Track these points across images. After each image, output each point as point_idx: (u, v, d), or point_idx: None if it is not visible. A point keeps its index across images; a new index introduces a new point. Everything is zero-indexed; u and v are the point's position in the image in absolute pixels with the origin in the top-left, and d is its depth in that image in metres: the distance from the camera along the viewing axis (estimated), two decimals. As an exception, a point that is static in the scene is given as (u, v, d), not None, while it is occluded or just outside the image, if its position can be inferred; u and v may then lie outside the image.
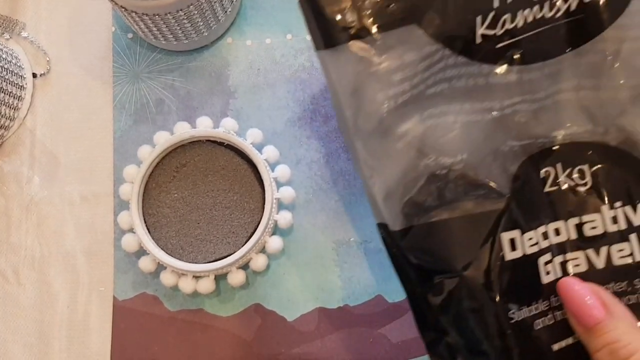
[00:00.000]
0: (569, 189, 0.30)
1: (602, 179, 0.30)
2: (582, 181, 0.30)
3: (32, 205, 0.43)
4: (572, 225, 0.30)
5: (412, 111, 0.31)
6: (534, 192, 0.30)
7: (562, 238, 0.30)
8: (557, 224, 0.30)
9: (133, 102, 0.44)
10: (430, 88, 0.31)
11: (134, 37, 0.45)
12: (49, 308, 0.42)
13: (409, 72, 0.30)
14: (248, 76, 0.44)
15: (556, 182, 0.30)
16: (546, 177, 0.30)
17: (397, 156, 0.31)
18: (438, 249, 0.30)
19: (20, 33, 0.45)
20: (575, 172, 0.30)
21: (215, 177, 0.41)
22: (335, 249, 0.42)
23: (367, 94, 0.30)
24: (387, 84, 0.30)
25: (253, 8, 0.45)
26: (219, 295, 0.42)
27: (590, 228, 0.30)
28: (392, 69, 0.30)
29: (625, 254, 0.30)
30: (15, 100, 0.43)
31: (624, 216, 0.30)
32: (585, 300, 0.27)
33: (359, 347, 0.41)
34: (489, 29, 0.30)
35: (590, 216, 0.30)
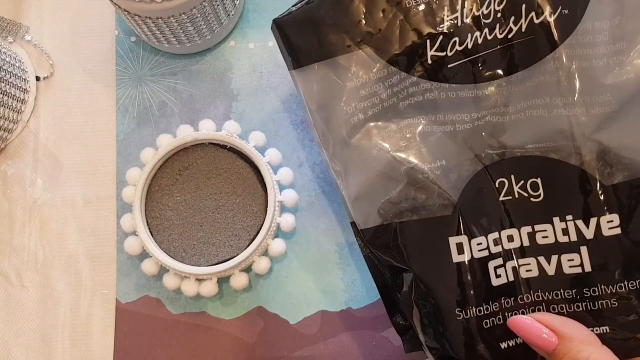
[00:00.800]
0: (523, 199, 0.32)
1: (555, 193, 0.32)
2: (535, 193, 0.32)
3: (36, 208, 0.43)
4: (525, 233, 0.32)
5: (388, 121, 0.33)
6: (488, 200, 0.32)
7: (515, 245, 0.32)
8: (511, 231, 0.32)
9: (136, 105, 0.44)
10: (402, 101, 0.33)
11: (137, 40, 0.45)
12: (52, 311, 0.42)
13: (375, 88, 0.33)
14: (251, 79, 0.44)
15: (510, 192, 0.32)
16: (501, 187, 0.32)
17: (373, 162, 0.33)
18: (396, 246, 0.33)
19: (24, 37, 0.45)
20: (528, 184, 0.32)
21: (218, 180, 0.41)
22: (338, 252, 0.42)
23: (335, 108, 0.33)
24: (354, 99, 0.33)
25: (256, 11, 0.45)
26: (222, 298, 0.42)
27: (542, 237, 0.32)
28: (357, 86, 0.33)
29: (575, 264, 0.31)
30: (19, 103, 0.43)
31: (575, 229, 0.31)
32: (537, 333, 0.30)
33: (361, 350, 0.41)
34: (439, 51, 0.32)
35: (542, 226, 0.32)
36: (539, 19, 0.31)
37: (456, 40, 0.32)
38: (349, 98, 0.33)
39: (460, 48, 0.32)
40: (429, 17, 0.32)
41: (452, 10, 0.32)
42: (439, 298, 0.32)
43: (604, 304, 0.31)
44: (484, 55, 0.32)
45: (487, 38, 0.32)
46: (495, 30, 0.32)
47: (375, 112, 0.33)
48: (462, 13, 0.32)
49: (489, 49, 0.32)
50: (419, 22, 0.32)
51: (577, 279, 0.31)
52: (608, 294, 0.31)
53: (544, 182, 0.32)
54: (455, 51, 0.32)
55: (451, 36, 0.32)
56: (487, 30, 0.32)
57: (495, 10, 0.32)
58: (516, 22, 0.32)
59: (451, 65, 0.32)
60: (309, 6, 0.34)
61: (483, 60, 0.32)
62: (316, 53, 0.33)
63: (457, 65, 0.32)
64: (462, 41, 0.32)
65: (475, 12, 0.32)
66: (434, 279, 0.32)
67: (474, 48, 0.32)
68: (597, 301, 0.31)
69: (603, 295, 0.31)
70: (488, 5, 0.32)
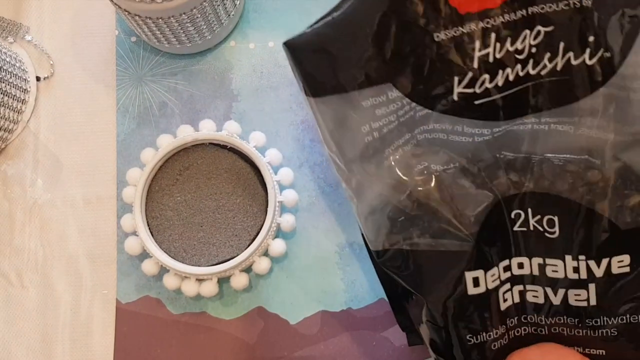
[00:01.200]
0: (538, 232, 0.31)
1: (570, 232, 0.31)
2: (550, 229, 0.31)
3: (36, 208, 0.43)
4: (535, 264, 0.32)
5: (402, 132, 0.32)
6: (502, 230, 0.32)
7: (524, 272, 0.32)
8: (522, 259, 0.32)
9: (136, 105, 0.44)
10: (420, 134, 0.32)
11: (137, 40, 0.45)
12: (52, 311, 0.42)
13: (392, 118, 0.31)
14: (251, 79, 0.44)
15: (525, 224, 0.32)
16: (516, 218, 0.32)
17: (385, 173, 0.32)
18: (409, 272, 0.32)
19: (24, 37, 0.45)
20: (544, 220, 0.31)
21: (218, 180, 0.41)
22: (338, 252, 0.42)
23: (350, 129, 0.31)
24: (370, 118, 0.31)
25: (256, 11, 0.45)
26: (222, 298, 0.42)
27: (552, 270, 0.31)
28: (375, 116, 0.31)
29: (582, 299, 0.31)
30: (19, 103, 0.43)
31: (586, 268, 0.31)
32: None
33: (361, 350, 0.41)
34: (467, 88, 0.30)
35: (553, 260, 0.31)
36: (577, 60, 0.29)
37: (486, 78, 0.29)
38: (365, 122, 0.31)
39: (489, 85, 0.30)
40: (459, 52, 0.29)
41: (483, 45, 0.29)
42: (451, 325, 0.32)
43: (604, 332, 0.32)
44: (514, 92, 0.30)
45: (518, 74, 0.29)
46: (528, 66, 0.29)
47: (391, 138, 0.32)
48: (494, 48, 0.29)
49: (520, 85, 0.30)
50: (447, 57, 0.30)
51: (581, 309, 0.32)
52: (609, 324, 0.31)
53: (560, 220, 0.31)
54: (484, 88, 0.30)
55: (481, 72, 0.29)
56: (519, 66, 0.29)
57: (530, 45, 0.29)
58: (551, 59, 0.29)
59: (478, 101, 0.30)
60: (324, 31, 0.30)
61: (512, 97, 0.30)
62: (331, 85, 0.30)
63: (484, 102, 0.30)
64: (492, 78, 0.29)
65: (508, 47, 0.29)
66: (447, 308, 0.32)
67: (504, 85, 0.30)
68: (598, 330, 0.32)
69: (605, 325, 0.32)
70: (523, 40, 0.29)
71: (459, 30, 0.29)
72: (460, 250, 0.31)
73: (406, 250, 0.32)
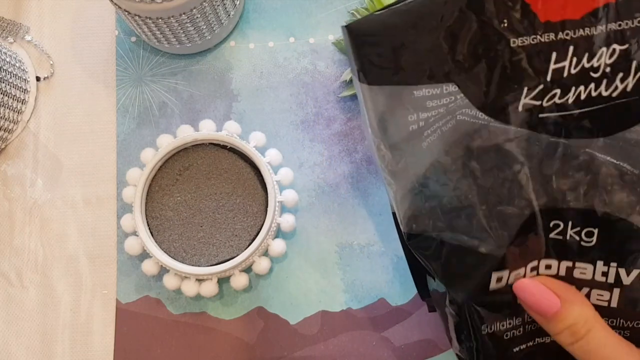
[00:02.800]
0: (573, 241, 0.31)
1: (607, 243, 0.31)
2: (587, 239, 0.31)
3: (36, 208, 0.43)
4: (564, 266, 0.31)
5: (446, 118, 0.31)
6: (536, 235, 0.31)
7: (550, 272, 0.32)
8: (551, 261, 0.32)
9: (136, 105, 0.44)
10: (475, 141, 0.31)
11: (137, 40, 0.45)
12: (52, 311, 0.42)
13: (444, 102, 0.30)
14: (251, 79, 0.44)
15: (563, 234, 0.31)
16: (554, 227, 0.31)
17: (423, 154, 0.31)
18: (438, 262, 0.32)
19: (24, 37, 0.45)
20: (583, 232, 0.31)
21: (218, 180, 0.41)
22: (338, 252, 0.42)
23: (398, 117, 0.30)
24: (420, 109, 0.30)
25: (256, 11, 0.45)
26: (222, 298, 0.42)
27: (580, 273, 0.31)
28: (426, 97, 0.30)
29: (603, 299, 0.31)
30: (18, 103, 0.43)
31: (615, 274, 0.31)
32: (540, 295, 0.30)
33: (361, 350, 0.41)
34: (535, 100, 0.29)
35: (583, 264, 0.31)
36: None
37: (557, 92, 0.28)
38: (414, 112, 0.30)
39: (559, 101, 0.29)
40: (533, 62, 0.28)
41: (560, 58, 0.28)
42: (469, 313, 0.32)
43: (619, 333, 0.32)
44: (584, 112, 0.29)
45: (590, 94, 0.28)
46: (601, 87, 0.28)
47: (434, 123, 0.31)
48: (570, 62, 0.28)
49: (591, 106, 0.29)
50: (520, 65, 0.28)
51: (600, 309, 0.31)
52: (624, 326, 0.32)
53: (600, 233, 0.30)
54: (552, 103, 0.29)
55: (553, 86, 0.28)
56: (593, 85, 0.28)
57: (605, 64, 0.28)
58: (623, 79, 0.28)
59: (542, 115, 0.29)
60: (392, 20, 0.29)
61: (580, 116, 0.29)
62: (391, 76, 0.29)
63: (550, 116, 0.29)
64: (564, 94, 0.28)
65: (585, 64, 0.28)
66: (467, 299, 0.32)
67: (574, 102, 0.29)
68: (614, 330, 0.32)
69: (620, 327, 0.32)
70: (599, 58, 0.28)
71: (537, 38, 0.28)
72: (491, 254, 0.30)
73: (437, 239, 0.31)
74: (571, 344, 0.30)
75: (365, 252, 0.42)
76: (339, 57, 0.44)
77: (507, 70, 0.29)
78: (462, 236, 0.31)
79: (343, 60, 0.44)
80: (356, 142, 0.43)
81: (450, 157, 0.31)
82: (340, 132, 0.43)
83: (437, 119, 0.30)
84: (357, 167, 0.43)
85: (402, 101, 0.30)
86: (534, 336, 0.33)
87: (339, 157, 0.43)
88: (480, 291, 0.32)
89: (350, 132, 0.43)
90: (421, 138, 0.31)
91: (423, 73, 0.29)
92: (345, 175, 0.43)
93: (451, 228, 0.31)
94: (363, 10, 0.42)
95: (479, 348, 0.33)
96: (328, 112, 0.43)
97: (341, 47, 0.44)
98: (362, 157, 0.43)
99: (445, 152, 0.31)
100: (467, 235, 0.31)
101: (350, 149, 0.43)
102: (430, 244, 0.31)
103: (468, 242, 0.31)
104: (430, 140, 0.31)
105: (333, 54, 0.44)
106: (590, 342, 0.29)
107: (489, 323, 0.32)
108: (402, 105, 0.30)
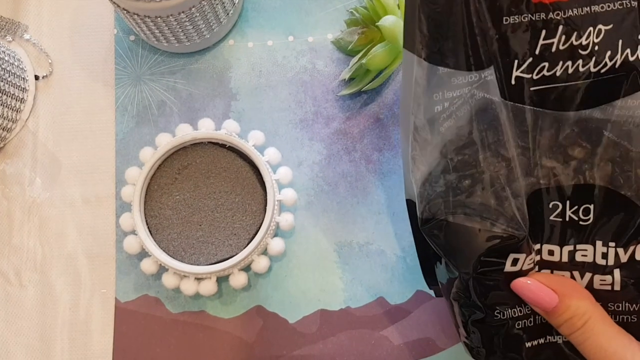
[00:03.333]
0: (572, 222, 0.32)
1: (603, 219, 0.32)
2: (585, 217, 0.32)
3: (34, 207, 0.43)
4: (566, 251, 0.33)
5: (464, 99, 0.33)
6: (541, 218, 0.33)
7: (554, 258, 0.33)
8: (553, 247, 0.33)
9: (135, 104, 0.44)
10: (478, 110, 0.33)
11: (136, 39, 0.45)
12: (51, 310, 0.42)
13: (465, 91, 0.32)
14: (250, 78, 0.44)
15: (562, 215, 0.32)
16: (554, 208, 0.32)
17: (443, 137, 0.33)
18: (449, 245, 0.33)
19: (23, 35, 0.45)
20: (581, 210, 0.32)
21: (217, 179, 0.41)
22: (337, 251, 0.42)
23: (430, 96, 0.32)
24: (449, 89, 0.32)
25: (255, 10, 0.45)
26: (221, 297, 0.42)
27: (582, 255, 0.32)
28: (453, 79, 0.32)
29: (606, 284, 0.32)
30: (17, 102, 0.43)
31: (614, 255, 0.32)
32: (539, 292, 0.31)
33: (360, 349, 0.41)
34: (525, 73, 0.31)
35: (584, 246, 0.32)
36: (634, 56, 0.30)
37: (545, 65, 0.31)
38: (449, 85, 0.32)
39: (547, 73, 0.31)
40: (523, 38, 0.31)
41: (549, 35, 0.31)
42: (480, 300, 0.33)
43: (625, 318, 0.32)
44: (572, 85, 0.31)
45: (578, 69, 0.31)
46: (590, 63, 0.31)
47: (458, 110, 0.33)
48: (559, 39, 0.31)
49: (578, 80, 0.31)
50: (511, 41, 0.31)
51: (605, 294, 0.32)
52: (630, 310, 0.32)
53: (595, 208, 0.32)
54: (541, 75, 0.31)
55: (542, 60, 0.31)
56: (581, 62, 0.31)
57: (594, 43, 0.31)
58: (612, 57, 0.30)
59: (534, 88, 0.31)
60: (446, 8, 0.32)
61: (569, 90, 0.31)
62: (441, 57, 0.32)
63: (540, 89, 0.31)
64: (552, 67, 0.31)
65: (574, 42, 0.31)
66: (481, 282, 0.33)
67: (561, 76, 0.31)
68: (619, 315, 0.32)
69: (626, 311, 0.32)
70: (588, 36, 0.31)
71: (528, 17, 0.31)
72: (505, 235, 0.31)
73: (453, 223, 0.32)
74: (569, 335, 0.31)
75: (364, 250, 0.42)
76: (338, 56, 0.44)
77: (501, 47, 0.31)
78: (476, 217, 0.32)
79: (342, 59, 0.44)
80: (355, 141, 0.43)
81: (463, 139, 0.32)
82: (339, 130, 0.43)
83: (460, 102, 0.32)
84: (356, 166, 0.43)
85: (434, 82, 0.32)
86: (544, 333, 0.34)
87: (338, 156, 0.43)
88: (494, 273, 0.32)
89: (349, 130, 0.43)
90: (441, 120, 0.33)
91: (464, 58, 0.32)
92: (344, 174, 0.43)
93: (465, 209, 0.32)
94: (362, 9, 0.42)
95: (487, 335, 0.33)
96: (327, 111, 0.43)
97: (340, 45, 0.44)
98: (361, 155, 0.43)
99: (457, 134, 0.32)
100: (481, 217, 0.32)
101: (349, 147, 0.43)
102: (444, 227, 0.33)
103: (482, 223, 0.32)
104: (448, 123, 0.32)
105: (332, 52, 0.44)
106: (586, 332, 0.30)
107: (501, 309, 0.33)
108: (433, 86, 0.32)
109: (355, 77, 0.43)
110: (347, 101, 0.44)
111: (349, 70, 0.42)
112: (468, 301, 0.33)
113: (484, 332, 0.34)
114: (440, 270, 0.35)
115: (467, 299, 0.33)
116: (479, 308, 0.33)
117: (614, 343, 0.30)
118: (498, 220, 0.32)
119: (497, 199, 0.32)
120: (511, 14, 0.31)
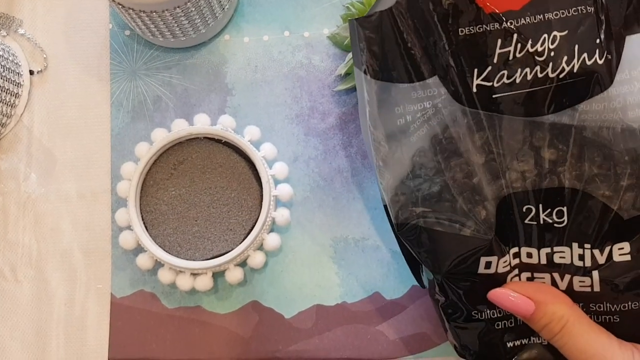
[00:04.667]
0: (547, 224, 0.33)
1: (577, 221, 0.32)
2: (559, 219, 0.33)
3: (29, 202, 0.43)
4: (544, 254, 0.33)
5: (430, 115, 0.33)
6: (514, 221, 0.33)
7: (532, 261, 0.33)
8: (531, 250, 0.33)
9: (130, 99, 0.44)
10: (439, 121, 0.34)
11: (131, 34, 0.45)
12: (46, 305, 0.42)
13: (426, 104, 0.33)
14: (245, 73, 0.44)
15: (536, 218, 0.33)
16: (527, 212, 0.33)
17: (411, 146, 0.34)
18: (423, 249, 0.34)
19: (17, 30, 0.45)
20: (554, 212, 0.33)
21: (212, 175, 0.41)
22: (333, 246, 0.42)
23: (390, 111, 0.34)
24: (409, 102, 0.33)
25: (250, 5, 0.45)
26: (217, 292, 0.42)
27: (560, 257, 0.33)
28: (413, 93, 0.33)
29: (586, 285, 0.33)
30: (12, 97, 0.43)
31: (590, 256, 0.33)
32: (515, 301, 0.32)
33: (356, 344, 0.41)
34: (485, 81, 0.32)
35: (561, 248, 0.33)
36: (591, 60, 0.31)
37: (504, 73, 0.32)
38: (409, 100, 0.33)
39: (507, 81, 0.32)
40: (481, 48, 0.32)
41: (504, 44, 0.32)
42: (459, 300, 0.34)
43: (607, 319, 0.33)
44: (534, 91, 0.32)
45: (537, 75, 0.31)
46: (548, 69, 0.31)
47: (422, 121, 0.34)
48: (515, 48, 0.32)
49: (538, 86, 0.32)
50: (469, 51, 0.32)
51: (585, 295, 0.33)
52: (612, 310, 0.33)
53: (569, 211, 0.32)
54: (502, 83, 0.32)
55: (500, 68, 0.32)
56: (539, 68, 0.31)
57: (549, 49, 0.31)
58: (568, 62, 0.31)
59: (496, 95, 0.32)
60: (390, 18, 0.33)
61: (531, 95, 0.32)
62: (386, 73, 0.33)
63: (501, 96, 0.32)
64: (511, 75, 0.32)
65: (529, 49, 0.31)
66: (456, 284, 0.33)
67: (521, 83, 0.32)
68: (601, 315, 0.33)
69: (607, 311, 0.33)
70: (542, 43, 0.31)
71: (482, 27, 0.32)
72: (475, 237, 0.32)
73: (424, 227, 0.33)
74: (550, 339, 0.32)
75: (360, 246, 0.42)
76: (334, 51, 0.44)
77: (459, 58, 0.32)
78: (445, 222, 0.33)
79: (338, 54, 0.44)
80: (351, 136, 0.43)
81: (429, 148, 0.33)
82: (335, 126, 0.43)
83: (422, 113, 0.33)
84: (351, 161, 0.43)
85: (392, 96, 0.33)
86: (528, 334, 0.34)
87: (334, 151, 0.43)
88: (468, 275, 0.33)
89: (345, 126, 0.43)
90: (409, 131, 0.33)
91: (409, 75, 0.33)
92: (340, 169, 0.43)
93: (435, 214, 0.33)
94: (358, 4, 0.42)
95: (470, 335, 0.34)
96: (323, 106, 0.43)
97: (336, 41, 0.44)
98: (357, 151, 0.43)
99: (425, 143, 0.33)
100: (450, 220, 0.33)
101: (345, 142, 0.43)
102: (416, 231, 0.33)
103: (451, 227, 0.33)
104: (417, 133, 0.33)
105: (328, 47, 0.44)
106: (565, 336, 0.31)
107: (479, 310, 0.34)
108: (391, 99, 0.33)
109: (351, 72, 0.42)
110: (343, 96, 0.44)
111: (345, 66, 0.42)
112: (447, 301, 0.34)
113: (464, 331, 0.34)
114: (424, 270, 0.36)
115: (446, 299, 0.34)
116: (459, 308, 0.34)
117: (594, 345, 0.31)
118: (466, 224, 0.32)
119: (466, 204, 0.33)
120: (466, 25, 0.32)
